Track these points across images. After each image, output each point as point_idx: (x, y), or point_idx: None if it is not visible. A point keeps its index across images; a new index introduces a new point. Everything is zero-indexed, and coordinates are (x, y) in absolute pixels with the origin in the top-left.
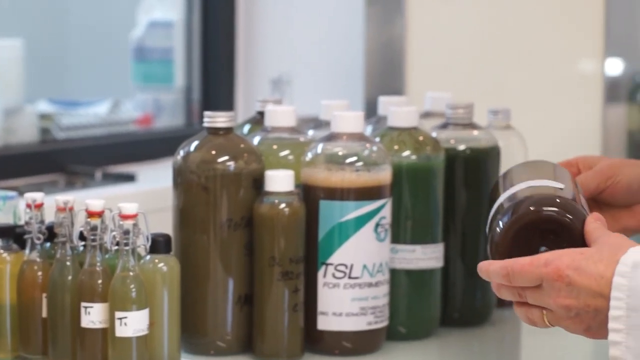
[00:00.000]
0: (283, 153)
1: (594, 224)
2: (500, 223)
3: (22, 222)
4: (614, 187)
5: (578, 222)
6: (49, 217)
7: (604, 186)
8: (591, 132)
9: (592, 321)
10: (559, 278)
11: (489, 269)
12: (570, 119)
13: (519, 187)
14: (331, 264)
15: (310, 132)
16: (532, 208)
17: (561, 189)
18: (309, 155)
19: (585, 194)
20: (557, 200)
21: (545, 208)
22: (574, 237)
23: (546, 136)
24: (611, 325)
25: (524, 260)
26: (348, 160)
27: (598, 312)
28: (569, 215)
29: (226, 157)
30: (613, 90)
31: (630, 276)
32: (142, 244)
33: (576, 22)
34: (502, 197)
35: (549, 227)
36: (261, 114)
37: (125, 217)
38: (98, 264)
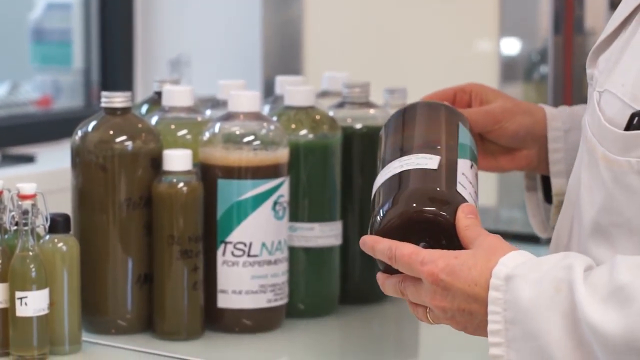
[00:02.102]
0: (181, 132)
1: (465, 220)
2: (381, 212)
3: None
4: (501, 132)
5: (452, 219)
6: None
7: (491, 129)
8: None
9: (468, 323)
10: (434, 282)
11: (375, 246)
12: None
13: (393, 166)
14: (230, 242)
15: (208, 112)
16: (404, 208)
17: (434, 170)
18: (207, 135)
19: (472, 130)
20: (430, 197)
21: (417, 208)
22: (451, 233)
23: None
24: (491, 339)
25: (407, 249)
26: (245, 140)
27: (473, 315)
28: (442, 214)
29: (124, 137)
30: (509, 70)
31: (505, 289)
32: (41, 224)
33: (471, 1)
34: (382, 173)
35: (426, 224)
36: (159, 94)
37: (23, 197)
38: None
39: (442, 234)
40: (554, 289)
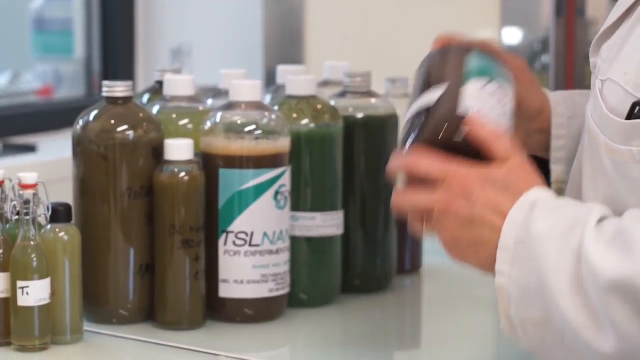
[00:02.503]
0: (182, 122)
1: (483, 132)
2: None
3: None
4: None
5: (452, 136)
6: None
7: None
8: None
9: (478, 238)
10: (470, 184)
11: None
12: None
13: (409, 112)
14: (232, 232)
15: (210, 102)
16: (433, 135)
17: (436, 101)
18: (208, 124)
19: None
20: (425, 126)
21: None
22: (469, 150)
23: None
24: (499, 254)
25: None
26: (247, 129)
27: (489, 228)
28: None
29: (125, 127)
30: None
31: (527, 212)
32: (42, 213)
33: None
34: (415, 104)
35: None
36: (160, 83)
37: (25, 187)
38: None
39: (465, 154)
40: (570, 225)
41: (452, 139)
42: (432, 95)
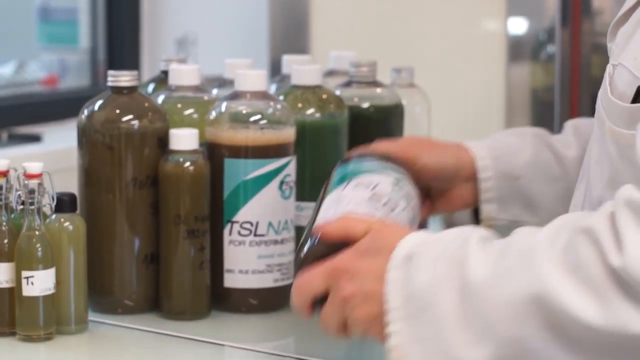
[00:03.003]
0: (187, 112)
1: (339, 226)
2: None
3: None
4: (423, 168)
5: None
6: None
7: (407, 162)
8: (495, 90)
9: (373, 309)
10: (344, 269)
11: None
12: (474, 78)
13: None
14: (237, 222)
15: (215, 91)
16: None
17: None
18: (213, 114)
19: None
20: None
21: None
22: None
23: (450, 94)
24: (390, 316)
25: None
26: (252, 119)
27: (378, 297)
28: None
29: (130, 116)
30: (516, 49)
31: (405, 269)
32: (47, 203)
33: None
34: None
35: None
36: (165, 73)
37: (30, 177)
38: (4, 223)
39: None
40: (449, 265)
41: (317, 251)
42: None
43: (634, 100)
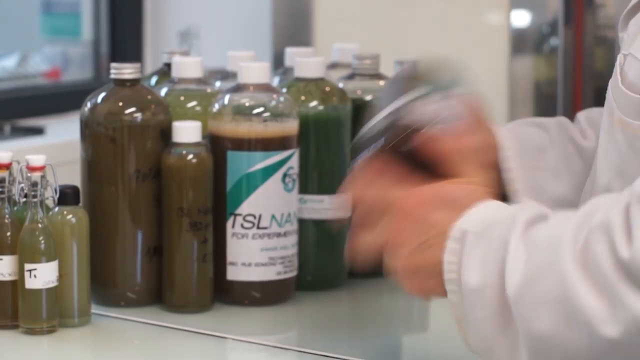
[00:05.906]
0: (190, 104)
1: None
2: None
3: None
4: None
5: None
6: None
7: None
8: (498, 83)
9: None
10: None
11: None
12: (477, 71)
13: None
14: (240, 215)
15: (218, 84)
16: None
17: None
18: (216, 106)
19: None
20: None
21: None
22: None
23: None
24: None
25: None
26: (255, 111)
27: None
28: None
29: (133, 109)
30: (519, 42)
31: (461, 244)
32: (50, 195)
33: None
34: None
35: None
36: (168, 65)
37: (33, 169)
38: (7, 216)
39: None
40: (497, 248)
41: (406, 148)
42: (396, 104)
43: None
